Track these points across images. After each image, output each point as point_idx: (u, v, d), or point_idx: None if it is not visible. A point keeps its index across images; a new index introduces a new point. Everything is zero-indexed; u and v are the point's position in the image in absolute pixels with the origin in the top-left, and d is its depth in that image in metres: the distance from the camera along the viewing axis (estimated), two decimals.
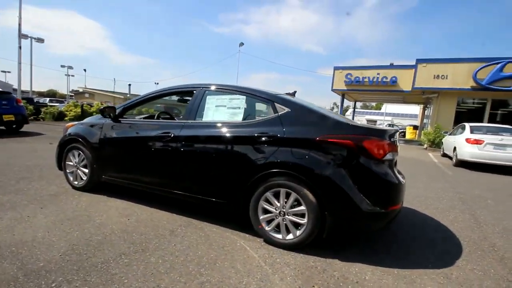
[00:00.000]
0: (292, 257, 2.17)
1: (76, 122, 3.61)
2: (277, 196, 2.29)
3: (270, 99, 2.51)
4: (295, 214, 2.23)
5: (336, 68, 16.46)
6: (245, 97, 2.62)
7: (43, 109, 14.12)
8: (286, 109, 2.40)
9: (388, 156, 2.15)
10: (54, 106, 16.31)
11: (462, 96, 12.77)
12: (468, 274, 2.10)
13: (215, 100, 2.73)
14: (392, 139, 2.24)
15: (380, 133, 2.19)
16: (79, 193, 3.32)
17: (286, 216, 2.26)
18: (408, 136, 21.21)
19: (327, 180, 2.09)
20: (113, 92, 43.59)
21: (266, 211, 2.36)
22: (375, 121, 62.72)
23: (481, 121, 11.81)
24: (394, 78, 14.41)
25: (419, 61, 12.93)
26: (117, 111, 3.14)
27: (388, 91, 14.96)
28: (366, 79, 15.17)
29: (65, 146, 3.45)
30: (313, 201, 2.13)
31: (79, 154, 3.35)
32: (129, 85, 43.05)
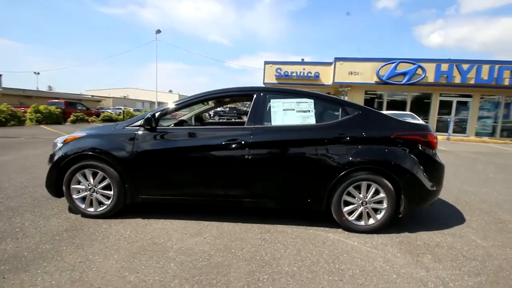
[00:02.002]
0: (380, 237, 2.54)
1: (80, 134, 2.85)
2: (357, 188, 2.59)
3: (340, 102, 2.74)
4: (376, 202, 2.60)
5: (266, 63, 17.41)
6: (313, 100, 2.75)
7: None
8: (356, 112, 2.69)
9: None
10: None
11: (368, 89, 15.84)
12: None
13: (281, 103, 2.74)
14: None
15: (431, 128, 2.77)
16: (102, 221, 2.71)
17: (368, 205, 2.60)
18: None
19: (404, 170, 2.53)
20: None
21: (347, 204, 2.63)
22: None
23: (381, 109, 15.03)
24: (317, 73, 16.45)
25: (337, 59, 15.19)
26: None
27: (313, 85, 16.97)
28: (294, 74, 16.74)
29: (69, 165, 2.71)
30: (391, 189, 2.54)
31: (95, 173, 2.71)
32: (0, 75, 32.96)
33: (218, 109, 46.12)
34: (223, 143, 2.61)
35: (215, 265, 2.02)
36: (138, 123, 2.73)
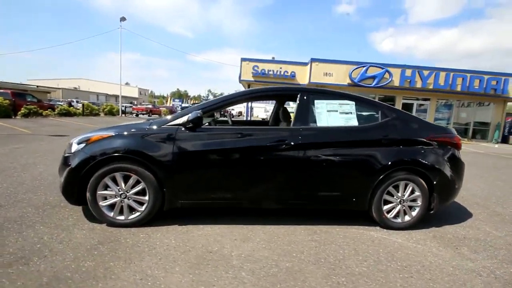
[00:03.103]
0: (416, 233, 2.71)
1: (107, 133, 2.51)
2: (395, 187, 2.73)
3: (378, 105, 2.85)
4: (411, 200, 2.77)
5: (243, 60, 17.26)
6: (354, 102, 2.81)
7: None
8: (394, 114, 2.82)
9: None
10: None
11: (341, 90, 16.64)
12: None
13: (325, 105, 2.75)
14: None
15: (455, 131, 3.02)
16: (135, 230, 2.45)
17: (405, 203, 2.76)
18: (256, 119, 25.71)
19: (437, 169, 2.73)
20: None
21: (386, 202, 2.75)
22: (252, 108, 69.98)
23: None
24: (293, 73, 16.81)
25: (313, 60, 15.71)
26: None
27: (289, 84, 17.31)
28: (271, 72, 16.87)
29: (96, 169, 2.39)
30: (425, 187, 2.73)
31: (126, 177, 2.43)
32: None
33: (185, 105, 44.54)
34: (271, 144, 2.54)
35: (288, 271, 1.97)
36: (178, 121, 2.51)
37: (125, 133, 2.49)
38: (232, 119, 4.39)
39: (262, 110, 39.73)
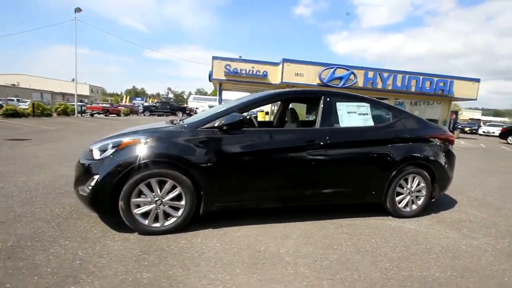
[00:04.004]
0: (423, 220, 3.08)
1: (138, 137, 2.37)
2: (405, 180, 3.07)
3: (388, 107, 3.15)
4: (417, 191, 3.12)
5: (214, 58, 17.00)
6: (369, 104, 3.07)
7: None
8: (402, 115, 3.15)
9: None
10: None
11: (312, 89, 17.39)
12: None
13: (345, 106, 2.95)
14: None
15: (447, 128, 3.46)
16: (173, 237, 2.39)
17: (413, 194, 3.11)
18: (260, 119, 25.94)
19: (438, 163, 3.13)
20: None
21: (398, 194, 3.07)
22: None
23: None
24: (265, 72, 17.07)
25: (284, 60, 16.14)
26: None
27: (261, 83, 17.54)
28: (243, 71, 16.91)
29: (129, 176, 2.27)
30: (429, 178, 3.11)
31: (161, 183, 2.36)
32: None
33: (147, 104, 42.12)
34: (303, 144, 2.67)
35: (339, 262, 2.12)
36: (213, 123, 2.49)
37: (159, 136, 2.40)
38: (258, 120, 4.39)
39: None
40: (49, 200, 3.06)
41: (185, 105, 44.27)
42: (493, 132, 24.11)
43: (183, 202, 2.42)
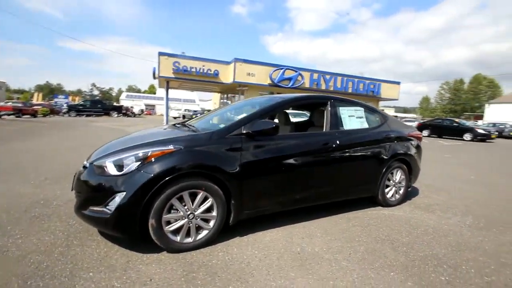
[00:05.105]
0: (404, 207, 3.62)
1: (167, 147, 2.15)
2: (391, 174, 3.56)
3: (376, 111, 3.59)
4: (399, 182, 3.66)
5: (161, 54, 15.91)
6: (363, 108, 3.43)
7: None
8: (387, 118, 3.63)
9: None
10: None
11: (263, 90, 17.90)
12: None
13: (346, 110, 3.25)
14: None
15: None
16: (207, 250, 2.29)
17: (397, 185, 3.62)
18: None
19: (413, 157, 3.72)
20: None
21: (386, 186, 3.54)
22: (153, 105, 64.64)
23: None
24: (216, 71, 16.79)
25: (236, 59, 16.16)
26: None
27: (212, 82, 17.20)
28: (194, 70, 16.29)
29: (160, 191, 2.08)
30: (407, 171, 3.69)
31: (192, 195, 2.23)
32: None
33: (75, 102, 36.99)
34: (320, 147, 2.85)
35: (368, 252, 2.38)
36: (240, 130, 2.45)
37: (191, 145, 2.25)
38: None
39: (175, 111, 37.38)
40: (27, 228, 2.53)
41: (121, 104, 40.10)
42: None
43: (214, 213, 2.33)
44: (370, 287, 1.90)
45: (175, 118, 32.92)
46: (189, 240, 2.25)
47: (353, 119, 3.32)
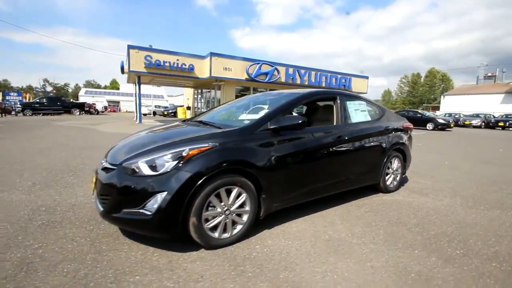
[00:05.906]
0: (401, 192, 3.96)
1: (204, 145, 2.13)
2: (391, 162, 3.86)
3: (376, 104, 3.84)
4: (396, 170, 3.98)
5: (131, 47, 15.01)
6: (365, 102, 3.66)
7: None
8: (385, 111, 3.91)
9: None
10: None
11: (239, 84, 17.80)
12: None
13: (352, 105, 3.44)
14: None
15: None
16: (243, 244, 2.34)
17: (395, 172, 3.94)
18: (180, 115, 24.86)
19: (407, 146, 4.07)
20: None
21: (387, 174, 3.83)
22: (118, 102, 60.81)
23: None
24: (191, 66, 16.31)
25: (212, 54, 15.82)
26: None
27: (187, 77, 16.68)
28: (167, 64, 15.65)
29: (200, 188, 2.07)
30: (402, 159, 4.03)
31: (229, 191, 2.25)
32: None
33: (29, 100, 33.69)
34: (335, 140, 3.01)
35: (388, 235, 2.59)
36: (266, 126, 2.49)
37: (226, 142, 2.25)
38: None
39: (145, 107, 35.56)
40: (41, 237, 2.34)
41: (83, 101, 37.20)
42: None
43: (247, 208, 2.37)
44: (403, 265, 2.10)
45: (144, 115, 31.42)
46: (227, 235, 2.27)
47: (358, 112, 3.53)
